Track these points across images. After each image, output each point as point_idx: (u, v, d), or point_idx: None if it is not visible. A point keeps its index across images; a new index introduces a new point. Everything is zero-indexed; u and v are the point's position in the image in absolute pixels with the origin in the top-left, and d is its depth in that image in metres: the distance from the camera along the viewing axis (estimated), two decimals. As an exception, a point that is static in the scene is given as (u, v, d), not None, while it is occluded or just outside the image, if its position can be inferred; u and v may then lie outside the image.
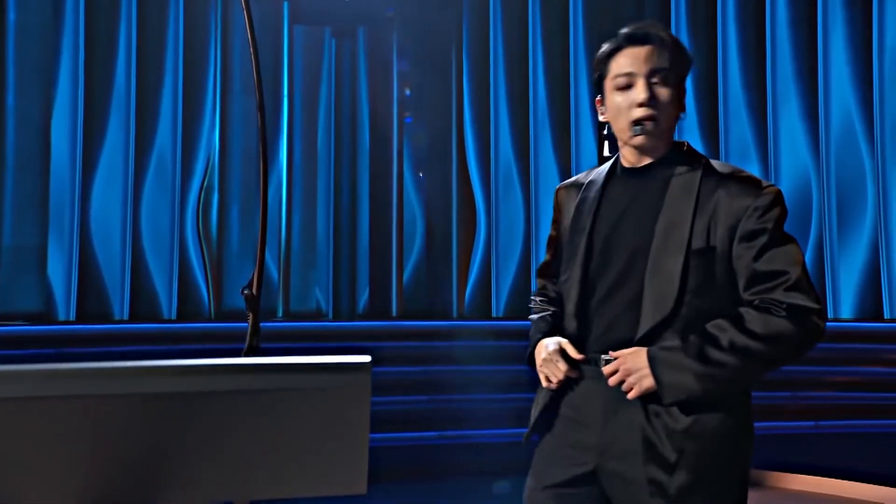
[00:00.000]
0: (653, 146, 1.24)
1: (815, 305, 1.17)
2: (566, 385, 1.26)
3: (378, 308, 4.90)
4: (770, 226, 1.19)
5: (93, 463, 0.64)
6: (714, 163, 1.26)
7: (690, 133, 5.03)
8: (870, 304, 4.68)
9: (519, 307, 4.90)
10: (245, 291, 1.00)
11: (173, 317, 4.51)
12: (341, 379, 0.71)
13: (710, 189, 1.21)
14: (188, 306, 4.55)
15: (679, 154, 1.26)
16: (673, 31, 5.05)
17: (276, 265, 4.76)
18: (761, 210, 1.19)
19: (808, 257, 4.84)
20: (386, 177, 4.99)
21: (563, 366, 1.24)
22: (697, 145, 5.16)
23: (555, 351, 1.26)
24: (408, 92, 5.01)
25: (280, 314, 4.76)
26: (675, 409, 1.16)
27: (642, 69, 1.25)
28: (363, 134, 5.02)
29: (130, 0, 4.54)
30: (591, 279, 1.25)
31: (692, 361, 1.15)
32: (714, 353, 1.15)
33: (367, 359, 0.73)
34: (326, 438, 0.69)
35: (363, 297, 4.93)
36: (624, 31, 1.31)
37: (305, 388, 0.69)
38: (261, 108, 1.04)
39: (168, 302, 4.52)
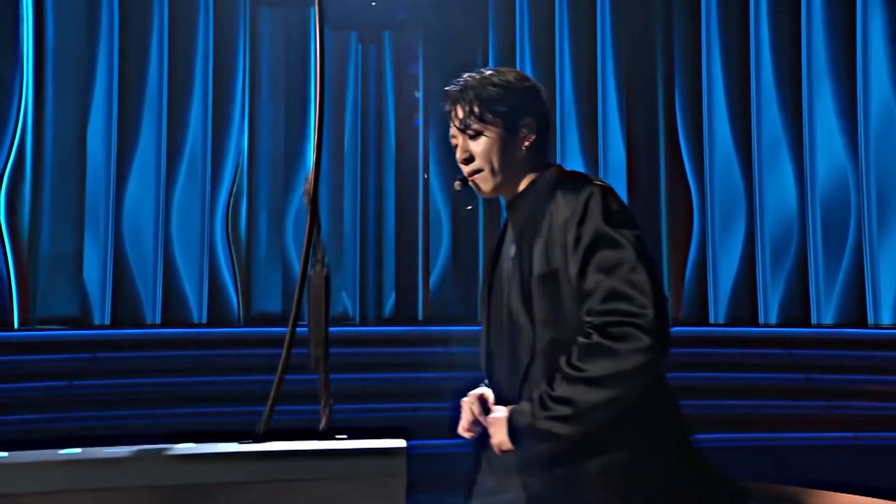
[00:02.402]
0: (500, 190, 1.23)
1: (634, 314, 1.03)
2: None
3: (404, 312, 4.90)
4: (583, 232, 1.10)
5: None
6: (564, 176, 1.19)
7: (721, 132, 4.90)
8: (912, 309, 4.51)
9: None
10: (305, 188, 1.08)
11: (203, 321, 4.58)
12: (376, 465, 0.67)
13: (544, 207, 1.16)
14: (218, 311, 4.62)
15: (538, 181, 1.21)
16: (703, 25, 4.91)
17: (303, 270, 4.79)
18: (577, 218, 1.11)
19: (847, 261, 4.67)
20: (412, 181, 4.98)
21: (476, 409, 1.20)
22: (728, 144, 5.06)
23: (472, 394, 1.24)
24: (418, 94, 4.97)
25: (307, 318, 4.80)
26: (552, 462, 1.09)
27: (457, 128, 1.25)
28: (389, 138, 5.02)
29: (162, 13, 4.62)
30: (490, 346, 1.23)
31: (538, 417, 1.08)
32: (552, 405, 1.07)
33: (401, 443, 0.70)
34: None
35: (389, 302, 4.94)
36: None
37: (339, 476, 0.66)
38: (321, 95, 1.19)
39: (198, 307, 4.59)
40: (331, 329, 4.73)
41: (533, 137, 1.22)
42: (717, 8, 4.93)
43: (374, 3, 4.92)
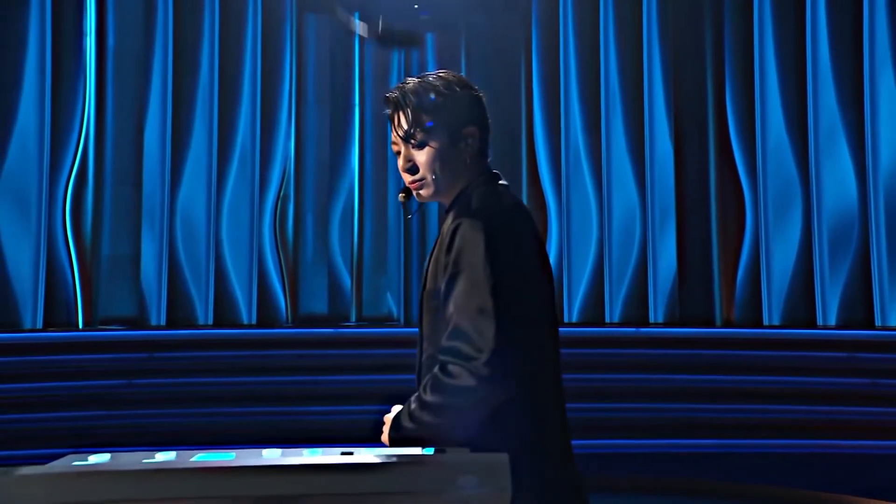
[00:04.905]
0: (439, 197, 1.23)
1: (467, 356, 1.05)
2: None
3: (448, 313, 4.90)
4: (449, 261, 1.12)
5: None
6: (474, 194, 1.19)
7: (775, 121, 4.71)
8: None
9: (592, 312, 4.76)
10: None
11: (253, 322, 4.70)
12: (477, 480, 0.62)
13: (443, 224, 1.20)
14: (266, 313, 4.73)
15: (464, 192, 1.22)
16: (755, 9, 4.71)
17: (348, 271, 4.86)
18: (445, 246, 1.14)
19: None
20: (455, 182, 4.97)
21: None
22: (782, 133, 4.83)
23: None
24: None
25: (353, 319, 4.86)
26: None
27: (399, 137, 1.22)
28: (432, 140, 5.03)
29: (213, 21, 4.77)
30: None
31: (399, 425, 1.15)
32: (405, 419, 1.14)
33: (503, 457, 0.65)
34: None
35: (434, 303, 4.95)
36: None
37: (426, 489, 0.60)
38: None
39: (248, 308, 4.71)
40: (375, 331, 4.77)
41: (476, 146, 1.24)
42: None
43: (416, 7, 4.95)
